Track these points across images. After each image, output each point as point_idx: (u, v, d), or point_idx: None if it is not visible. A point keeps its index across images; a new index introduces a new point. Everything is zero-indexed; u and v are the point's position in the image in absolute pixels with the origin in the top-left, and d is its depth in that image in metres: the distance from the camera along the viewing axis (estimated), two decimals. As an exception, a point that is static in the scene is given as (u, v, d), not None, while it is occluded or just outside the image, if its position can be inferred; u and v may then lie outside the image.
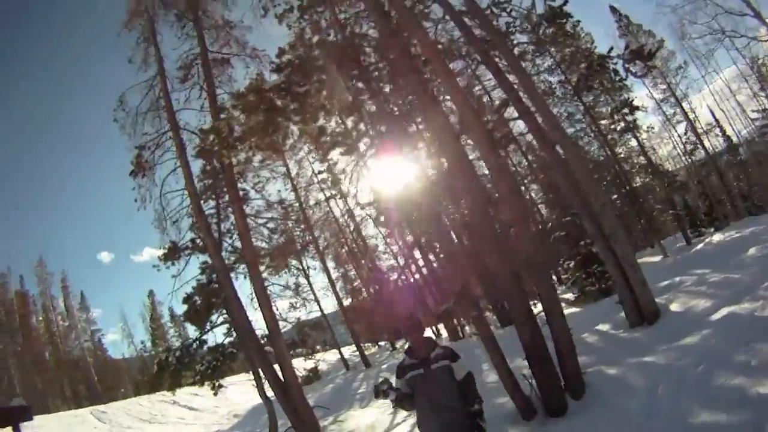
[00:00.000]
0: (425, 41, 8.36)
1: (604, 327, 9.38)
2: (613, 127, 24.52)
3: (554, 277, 23.84)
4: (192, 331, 14.15)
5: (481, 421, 3.57)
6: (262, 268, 16.76)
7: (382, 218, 20.05)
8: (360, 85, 9.97)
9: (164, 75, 13.68)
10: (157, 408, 25.23)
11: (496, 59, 10.04)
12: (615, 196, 22.95)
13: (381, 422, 10.08)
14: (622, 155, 26.08)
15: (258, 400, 13.90)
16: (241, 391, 21.56)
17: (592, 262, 15.91)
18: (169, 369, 12.14)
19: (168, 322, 51.64)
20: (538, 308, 6.94)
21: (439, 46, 10.20)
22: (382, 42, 9.51)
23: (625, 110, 23.35)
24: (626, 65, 11.47)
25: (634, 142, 26.08)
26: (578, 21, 20.35)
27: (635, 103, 23.52)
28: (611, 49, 14.34)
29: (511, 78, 10.25)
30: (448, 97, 9.49)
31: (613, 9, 29.67)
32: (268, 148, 12.70)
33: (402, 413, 8.89)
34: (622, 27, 29.09)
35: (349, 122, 12.30)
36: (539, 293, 6.35)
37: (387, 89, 10.42)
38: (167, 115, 13.42)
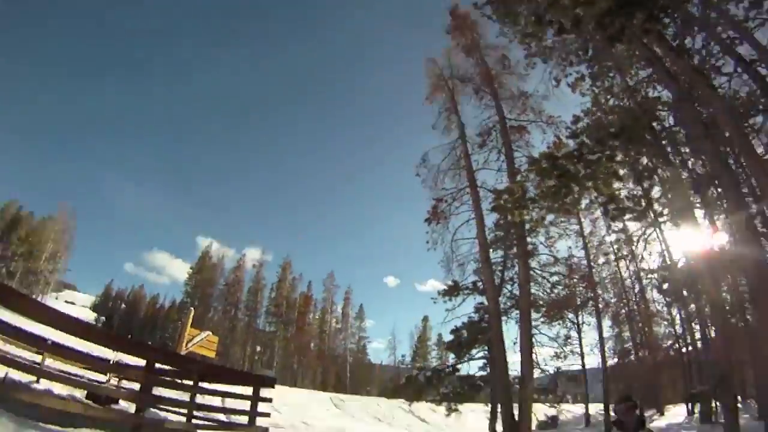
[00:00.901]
0: (716, 102, 7.77)
1: None
2: None
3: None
4: (451, 358, 16.21)
5: None
6: (535, 316, 17.82)
7: (665, 285, 19.35)
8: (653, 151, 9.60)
9: (465, 139, 16.07)
10: (392, 412, 28.19)
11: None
12: None
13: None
14: None
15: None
16: (476, 419, 22.64)
17: None
18: (416, 383, 14.09)
19: (433, 345, 60.48)
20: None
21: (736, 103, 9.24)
22: (674, 105, 9.24)
23: None
24: None
25: None
26: None
27: None
28: None
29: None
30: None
31: None
32: (559, 210, 12.83)
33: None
34: None
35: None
36: None
37: (682, 155, 9.96)
38: (466, 173, 15.73)
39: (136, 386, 8.71)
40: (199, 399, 9.43)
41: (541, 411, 21.21)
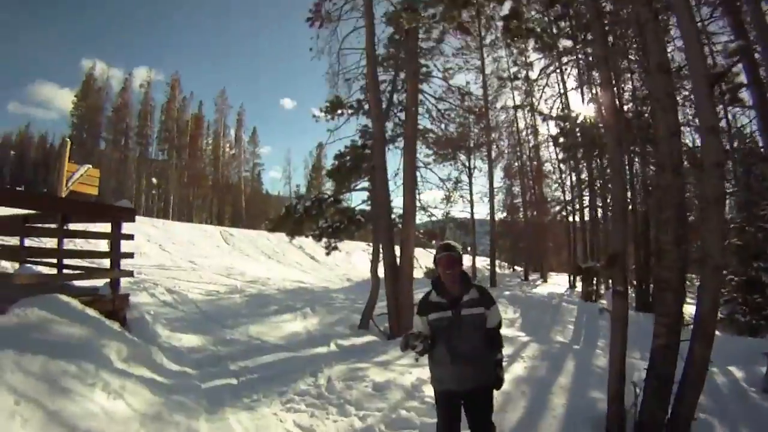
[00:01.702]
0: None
1: (738, 374, 7.21)
2: None
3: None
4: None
5: (501, 371, 3.34)
6: (423, 149, 17.24)
7: (561, 140, 18.21)
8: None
9: None
10: (281, 247, 26.83)
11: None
12: None
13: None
14: None
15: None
16: (367, 260, 21.52)
17: (756, 290, 13.41)
18: (294, 216, 12.02)
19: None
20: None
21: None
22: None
23: None
24: None
25: None
26: None
27: None
28: None
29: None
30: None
31: None
32: (456, 25, 11.66)
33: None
34: None
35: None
36: (700, 298, 4.54)
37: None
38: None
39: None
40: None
41: (428, 258, 20.36)
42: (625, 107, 15.14)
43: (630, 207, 15.56)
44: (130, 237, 7.73)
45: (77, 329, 5.06)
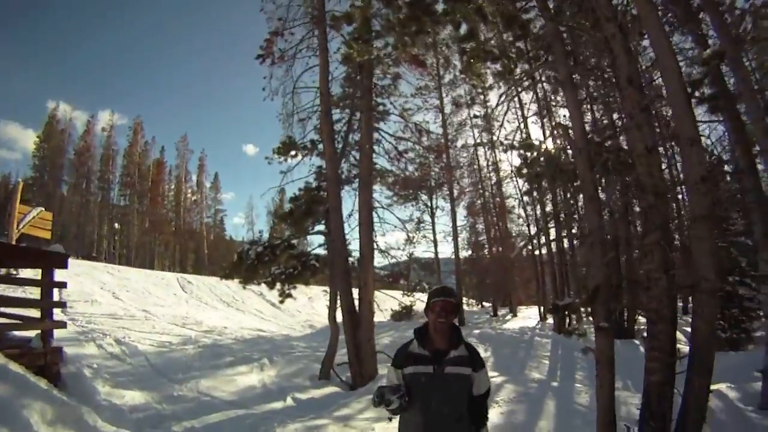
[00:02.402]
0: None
1: (731, 393, 6.92)
2: None
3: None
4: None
5: None
6: (384, 191, 17.30)
7: (525, 170, 18.08)
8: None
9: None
10: (241, 294, 25.70)
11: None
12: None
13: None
14: None
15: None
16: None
17: (734, 304, 13.38)
18: (246, 262, 11.29)
19: (290, 220, 55.30)
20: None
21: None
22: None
23: None
24: None
25: None
26: None
27: None
28: None
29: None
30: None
31: None
32: (411, 57, 11.31)
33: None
34: None
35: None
36: (695, 326, 4.21)
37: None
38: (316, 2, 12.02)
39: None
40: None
41: (393, 302, 20.02)
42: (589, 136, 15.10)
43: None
44: (63, 285, 7.19)
45: None
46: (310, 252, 12.08)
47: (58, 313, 7.05)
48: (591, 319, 5.61)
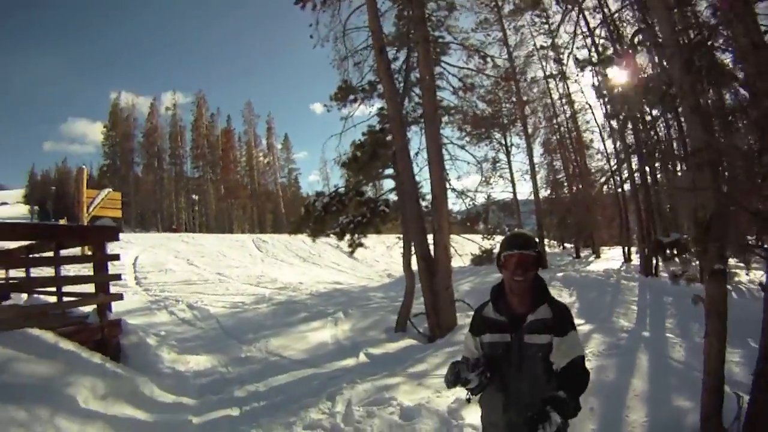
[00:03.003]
0: None
1: None
2: None
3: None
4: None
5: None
6: (455, 132, 16.77)
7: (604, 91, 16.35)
8: None
9: None
10: (317, 248, 25.69)
11: None
12: None
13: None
14: None
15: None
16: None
17: None
18: (313, 215, 10.90)
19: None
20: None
21: None
22: None
23: None
24: None
25: None
26: None
27: None
28: None
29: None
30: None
31: None
32: None
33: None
34: None
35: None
36: None
37: None
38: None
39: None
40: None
41: (472, 246, 19.29)
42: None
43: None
44: (116, 257, 7.20)
45: (44, 367, 4.49)
46: (378, 198, 11.39)
47: (130, 285, 6.87)
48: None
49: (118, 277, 7.07)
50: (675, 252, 11.49)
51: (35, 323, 5.21)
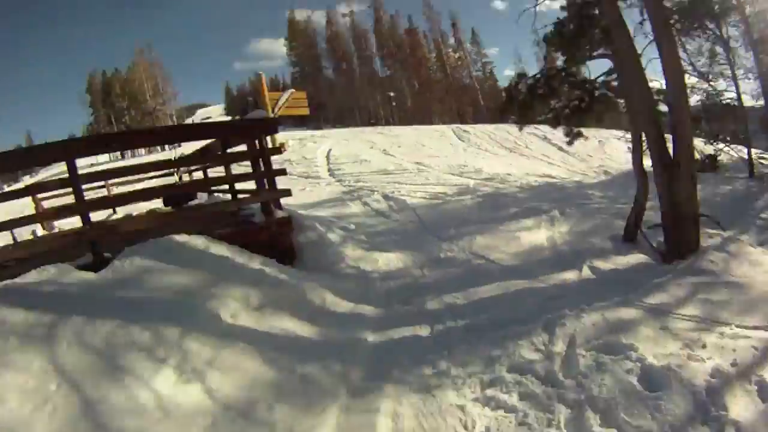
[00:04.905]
0: None
1: None
2: None
3: None
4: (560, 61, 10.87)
5: None
6: None
7: None
8: None
9: None
10: (523, 139, 23.76)
11: None
12: None
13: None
14: None
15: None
16: (625, 150, 15.42)
17: None
18: (517, 99, 9.40)
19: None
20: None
21: None
22: None
23: None
24: None
25: None
26: None
27: None
28: None
29: None
30: None
31: None
32: None
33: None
34: None
35: None
36: None
37: None
38: None
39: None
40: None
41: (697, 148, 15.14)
42: None
43: None
44: (278, 151, 7.36)
45: (185, 277, 3.93)
46: (596, 79, 9.04)
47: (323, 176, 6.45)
48: None
49: (283, 171, 6.21)
50: None
51: (199, 225, 4.96)
